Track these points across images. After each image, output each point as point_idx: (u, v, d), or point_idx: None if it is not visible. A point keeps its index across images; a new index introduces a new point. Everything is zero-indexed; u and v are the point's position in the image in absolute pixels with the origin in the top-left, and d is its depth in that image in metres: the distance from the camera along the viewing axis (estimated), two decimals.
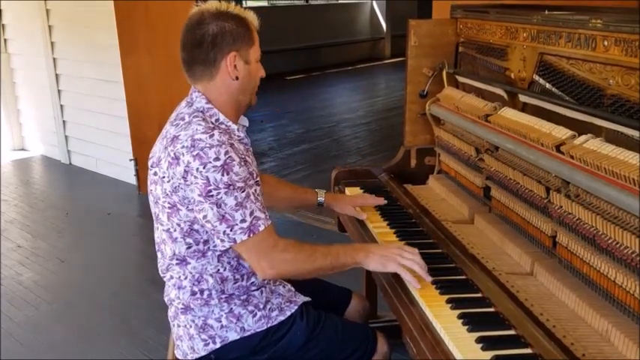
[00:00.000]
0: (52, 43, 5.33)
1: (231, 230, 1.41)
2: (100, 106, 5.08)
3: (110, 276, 3.43)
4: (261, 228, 1.43)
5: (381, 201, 1.94)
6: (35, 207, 4.62)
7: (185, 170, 1.40)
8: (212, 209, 1.40)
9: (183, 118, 1.49)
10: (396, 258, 1.49)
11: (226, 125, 1.52)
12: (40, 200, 4.78)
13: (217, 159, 1.39)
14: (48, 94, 5.52)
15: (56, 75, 5.41)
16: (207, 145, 1.39)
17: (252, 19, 1.55)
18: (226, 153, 1.40)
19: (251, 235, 1.42)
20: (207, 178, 1.38)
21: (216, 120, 1.51)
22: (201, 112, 1.50)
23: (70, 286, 3.34)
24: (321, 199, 1.95)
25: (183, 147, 1.41)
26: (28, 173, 5.58)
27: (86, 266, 3.58)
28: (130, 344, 2.74)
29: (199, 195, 1.40)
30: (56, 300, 3.19)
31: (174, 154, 1.42)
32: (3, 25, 5.81)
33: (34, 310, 3.08)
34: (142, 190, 4.69)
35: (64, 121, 5.54)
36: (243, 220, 1.41)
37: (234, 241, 1.42)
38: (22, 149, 6.17)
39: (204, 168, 1.38)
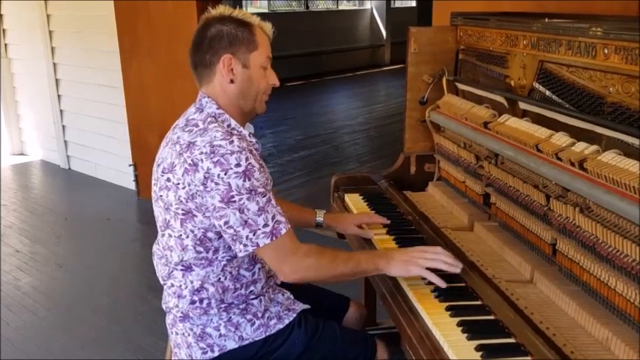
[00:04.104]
0: (52, 48, 5.34)
1: (254, 235, 1.41)
2: (99, 112, 5.08)
3: (109, 282, 3.42)
4: (283, 232, 1.43)
5: (386, 220, 1.88)
6: (34, 212, 4.61)
7: (205, 177, 1.39)
8: (234, 214, 1.39)
9: (196, 125, 1.47)
10: (418, 261, 1.47)
11: (238, 131, 1.52)
12: (39, 205, 4.78)
13: (238, 165, 1.38)
14: (48, 99, 5.53)
15: (56, 80, 5.42)
16: (228, 152, 1.39)
17: (260, 25, 1.56)
18: (247, 159, 1.40)
19: (274, 239, 1.42)
20: (229, 185, 1.38)
21: (228, 125, 1.50)
22: (214, 117, 1.50)
23: (69, 292, 3.33)
24: (319, 219, 1.90)
25: (201, 153, 1.40)
26: (28, 178, 5.58)
27: (85, 272, 3.58)
28: (127, 350, 2.73)
29: (220, 201, 1.39)
30: (54, 305, 3.18)
31: (192, 160, 1.40)
32: (4, 29, 5.82)
33: (31, 315, 3.07)
34: (141, 196, 4.69)
35: (63, 126, 5.55)
36: (265, 225, 1.41)
37: (257, 245, 1.42)
38: (22, 154, 6.18)
39: (225, 174, 1.38)
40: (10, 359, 2.69)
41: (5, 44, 5.87)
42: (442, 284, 1.43)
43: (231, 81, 1.51)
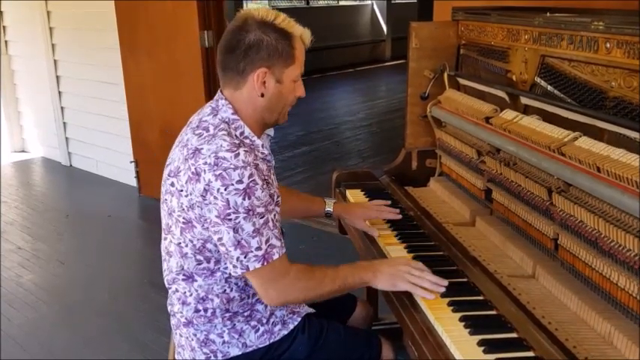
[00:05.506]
0: (52, 45, 5.33)
1: (245, 257, 1.36)
2: (100, 108, 5.08)
3: (110, 278, 3.43)
4: (275, 257, 1.38)
5: (397, 215, 1.85)
6: (35, 209, 4.61)
7: (205, 189, 1.34)
8: (228, 233, 1.35)
9: (207, 129, 1.41)
10: (404, 276, 1.44)
11: (251, 140, 1.44)
12: (40, 202, 4.78)
13: (240, 182, 1.32)
14: (49, 96, 5.53)
15: (57, 77, 5.41)
16: (232, 166, 1.32)
17: (300, 34, 1.47)
18: (250, 176, 1.33)
19: (265, 264, 1.37)
20: (228, 201, 1.33)
21: (241, 133, 1.43)
22: (227, 122, 1.42)
23: (70, 289, 3.34)
24: (329, 209, 1.88)
25: (205, 163, 1.34)
26: (29, 175, 5.58)
27: (86, 269, 3.58)
28: (130, 347, 2.74)
29: (217, 216, 1.34)
30: (56, 302, 3.18)
31: (196, 169, 1.35)
32: (4, 27, 5.82)
33: (33, 312, 3.08)
34: (143, 192, 4.69)
35: (64, 123, 5.54)
36: (258, 248, 1.36)
37: (247, 268, 1.37)
38: (23, 151, 6.18)
39: (225, 190, 1.32)
40: (12, 357, 2.70)
41: (5, 41, 5.87)
42: (430, 297, 1.40)
43: (262, 95, 1.44)
